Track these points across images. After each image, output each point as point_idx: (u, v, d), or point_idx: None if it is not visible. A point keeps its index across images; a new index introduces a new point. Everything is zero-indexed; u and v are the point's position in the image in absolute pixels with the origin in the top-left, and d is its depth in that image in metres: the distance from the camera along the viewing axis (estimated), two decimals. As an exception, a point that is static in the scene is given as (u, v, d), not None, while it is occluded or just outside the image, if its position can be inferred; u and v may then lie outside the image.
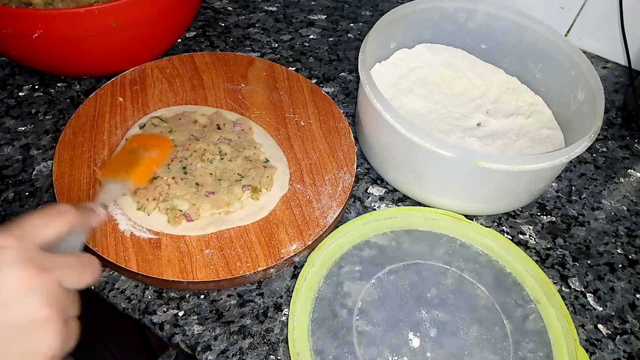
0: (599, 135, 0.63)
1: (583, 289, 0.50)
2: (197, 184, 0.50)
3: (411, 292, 0.46)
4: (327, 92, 0.65)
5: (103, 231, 0.46)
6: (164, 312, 0.44)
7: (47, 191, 0.52)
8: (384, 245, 0.49)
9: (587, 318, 0.48)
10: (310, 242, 0.47)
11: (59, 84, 0.63)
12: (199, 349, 0.43)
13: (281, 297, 0.46)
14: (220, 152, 0.52)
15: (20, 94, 0.62)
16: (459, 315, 0.45)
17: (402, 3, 0.62)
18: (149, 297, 0.45)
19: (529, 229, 0.54)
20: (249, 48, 0.71)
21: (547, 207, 0.56)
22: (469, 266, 0.48)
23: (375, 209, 0.54)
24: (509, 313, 0.46)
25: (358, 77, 0.52)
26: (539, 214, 0.56)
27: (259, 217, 0.49)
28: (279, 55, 0.70)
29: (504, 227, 0.54)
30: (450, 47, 0.66)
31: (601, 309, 0.49)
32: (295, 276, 0.48)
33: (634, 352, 0.46)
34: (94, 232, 0.46)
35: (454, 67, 0.65)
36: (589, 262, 0.52)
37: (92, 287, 0.46)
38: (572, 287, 0.50)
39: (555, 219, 0.55)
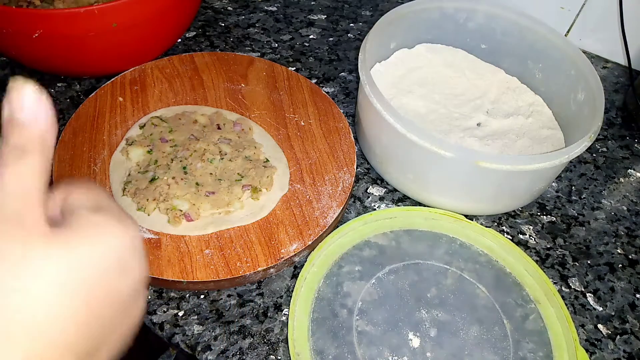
0: (599, 135, 0.63)
1: (583, 289, 0.50)
2: (197, 183, 0.50)
3: (411, 292, 0.46)
4: (327, 92, 0.65)
5: (103, 231, 0.46)
6: (164, 312, 0.44)
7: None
8: (384, 245, 0.49)
9: (587, 318, 0.48)
10: (310, 242, 0.47)
11: (59, 84, 0.63)
12: (199, 349, 0.43)
13: (281, 297, 0.46)
14: (220, 152, 0.52)
15: (20, 94, 0.62)
16: (459, 315, 0.45)
17: (402, 3, 0.62)
18: (149, 297, 0.45)
19: (529, 229, 0.54)
20: (249, 48, 0.71)
21: (547, 207, 0.56)
22: (469, 266, 0.48)
23: (375, 209, 0.54)
24: (509, 313, 0.46)
25: (358, 77, 0.52)
26: (539, 214, 0.56)
27: (259, 217, 0.49)
28: (279, 55, 0.70)
29: (504, 227, 0.54)
30: (450, 47, 0.66)
31: (601, 309, 0.49)
32: (295, 276, 0.48)
33: (634, 352, 0.46)
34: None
35: (454, 67, 0.65)
36: (589, 262, 0.52)
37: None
38: (572, 287, 0.50)
39: (555, 219, 0.55)
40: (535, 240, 0.53)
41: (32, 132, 0.21)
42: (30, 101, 0.21)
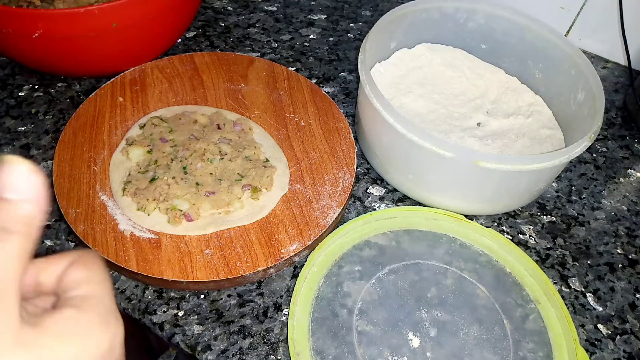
0: (599, 135, 0.63)
1: (583, 289, 0.50)
2: (197, 183, 0.50)
3: (411, 292, 0.46)
4: (327, 92, 0.65)
5: (103, 231, 0.46)
6: (164, 312, 0.44)
7: (47, 191, 0.52)
8: (384, 245, 0.49)
9: (587, 318, 0.48)
10: (310, 242, 0.47)
11: (59, 84, 0.63)
12: (199, 349, 0.43)
13: (281, 297, 0.46)
14: (220, 152, 0.52)
15: (20, 94, 0.62)
16: (459, 315, 0.45)
17: (402, 3, 0.62)
18: (149, 297, 0.45)
19: (529, 229, 0.54)
20: (249, 48, 0.71)
21: (547, 207, 0.56)
22: (469, 266, 0.48)
23: (375, 209, 0.54)
24: (509, 313, 0.46)
25: (358, 77, 0.52)
26: (539, 214, 0.56)
27: (259, 217, 0.49)
28: (279, 55, 0.70)
29: (504, 227, 0.54)
30: (450, 47, 0.66)
31: (601, 309, 0.49)
32: (295, 276, 0.48)
33: (634, 352, 0.46)
34: (94, 232, 0.46)
35: (454, 67, 0.65)
36: (589, 262, 0.52)
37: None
38: (572, 287, 0.50)
39: (555, 219, 0.55)
40: (535, 240, 0.53)
41: (18, 213, 0.20)
42: (21, 181, 0.20)
